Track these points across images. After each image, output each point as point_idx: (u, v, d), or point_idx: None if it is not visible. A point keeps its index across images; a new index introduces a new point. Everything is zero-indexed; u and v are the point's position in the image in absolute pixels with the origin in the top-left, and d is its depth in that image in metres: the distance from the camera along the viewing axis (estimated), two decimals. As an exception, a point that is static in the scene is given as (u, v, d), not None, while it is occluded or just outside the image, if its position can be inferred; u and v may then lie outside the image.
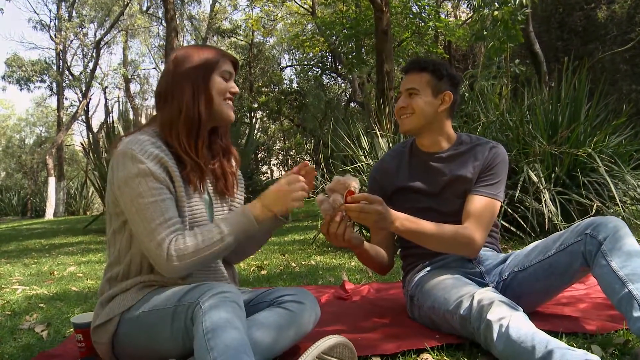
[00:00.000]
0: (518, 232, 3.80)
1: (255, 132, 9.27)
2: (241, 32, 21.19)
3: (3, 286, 3.49)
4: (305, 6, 17.91)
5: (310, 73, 19.97)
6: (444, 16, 15.38)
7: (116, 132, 7.28)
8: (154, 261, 1.54)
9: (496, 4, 4.98)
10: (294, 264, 3.79)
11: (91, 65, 20.78)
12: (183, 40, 21.99)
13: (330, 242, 1.77)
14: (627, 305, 1.55)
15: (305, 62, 19.73)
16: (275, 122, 21.86)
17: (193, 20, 22.86)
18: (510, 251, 2.09)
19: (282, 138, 24.63)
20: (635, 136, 4.58)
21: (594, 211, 3.67)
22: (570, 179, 3.99)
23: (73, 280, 3.63)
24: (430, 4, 13.68)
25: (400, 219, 1.81)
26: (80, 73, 21.25)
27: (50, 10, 21.82)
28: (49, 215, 15.99)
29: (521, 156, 4.04)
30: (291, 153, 23.80)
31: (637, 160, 4.36)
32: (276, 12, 19.81)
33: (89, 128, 22.44)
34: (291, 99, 19.23)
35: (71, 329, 2.25)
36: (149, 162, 1.53)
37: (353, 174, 4.63)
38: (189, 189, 1.63)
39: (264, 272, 3.56)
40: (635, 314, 1.51)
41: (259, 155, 19.74)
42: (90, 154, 8.42)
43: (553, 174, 3.98)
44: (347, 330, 1.97)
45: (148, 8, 21.86)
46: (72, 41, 20.72)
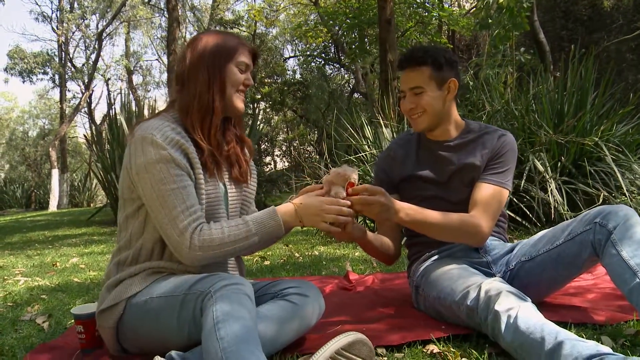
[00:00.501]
0: (524, 222, 3.77)
1: (259, 123, 9.23)
2: (243, 23, 21.07)
3: (6, 277, 3.48)
4: (308, -4, 17.80)
5: (313, 64, 19.88)
6: (447, 5, 15.26)
7: (119, 124, 7.24)
8: (174, 248, 1.53)
9: (501, -8, 4.92)
10: (297, 255, 3.76)
11: (93, 57, 20.78)
12: (185, 32, 21.94)
13: (332, 236, 1.74)
14: (638, 295, 1.52)
15: (308, 53, 19.64)
16: (278, 113, 21.78)
17: (195, 11, 22.78)
18: (516, 241, 2.06)
19: (285, 129, 24.58)
20: (642, 125, 4.52)
21: (600, 201, 3.63)
22: (577, 169, 3.96)
23: (75, 272, 3.61)
24: (433, -7, 13.55)
25: (404, 209, 1.77)
26: (83, 65, 21.26)
27: (52, 2, 21.69)
28: (53, 207, 16.02)
29: (527, 145, 4.00)
30: (294, 144, 23.76)
31: (644, 149, 4.32)
32: (279, 3, 19.67)
33: (92, 120, 22.48)
34: (294, 90, 19.13)
35: (72, 321, 2.23)
36: (170, 148, 1.52)
37: (356, 163, 4.60)
38: (206, 175, 1.62)
39: (267, 263, 3.53)
40: (647, 304, 1.48)
41: (262, 146, 19.70)
42: (93, 146, 8.40)
43: (559, 163, 3.94)
44: (351, 321, 1.95)
45: (150, -1, 21.79)
46: (74, 33, 20.71)
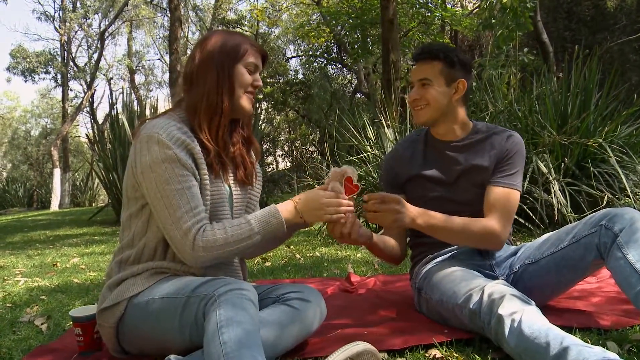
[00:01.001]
0: (527, 224, 3.74)
1: (261, 123, 9.21)
2: (246, 23, 21.06)
3: (6, 278, 3.46)
4: (311, -4, 17.78)
5: (315, 64, 19.85)
6: (450, 6, 15.23)
7: (120, 124, 7.22)
8: (177, 249, 1.52)
9: (505, -8, 4.89)
10: (298, 256, 3.74)
11: (96, 56, 20.78)
12: (187, 31, 21.93)
13: (337, 240, 1.73)
14: (644, 300, 1.49)
15: (311, 53, 19.61)
16: (280, 113, 21.76)
17: (197, 10, 22.77)
18: (518, 243, 2.04)
19: (287, 129, 24.56)
20: (646, 126, 4.49)
21: (604, 202, 3.60)
22: (580, 170, 3.93)
23: (75, 272, 3.60)
24: (436, -7, 13.52)
25: (421, 216, 1.79)
26: (85, 64, 21.27)
27: (54, 1, 21.78)
28: (55, 206, 16.01)
29: (530, 146, 3.97)
30: (297, 144, 23.75)
31: (648, 150, 4.28)
32: (281, 2, 19.66)
33: (94, 119, 22.48)
34: (296, 90, 19.11)
35: (71, 323, 2.21)
36: (175, 148, 1.51)
37: (359, 164, 4.58)
38: (212, 175, 1.61)
39: (268, 264, 3.51)
40: (654, 309, 1.45)
41: (264, 146, 19.68)
42: (95, 145, 8.38)
43: (562, 165, 3.91)
44: (352, 324, 1.93)
45: (152, -2, 21.79)
46: (76, 32, 20.73)
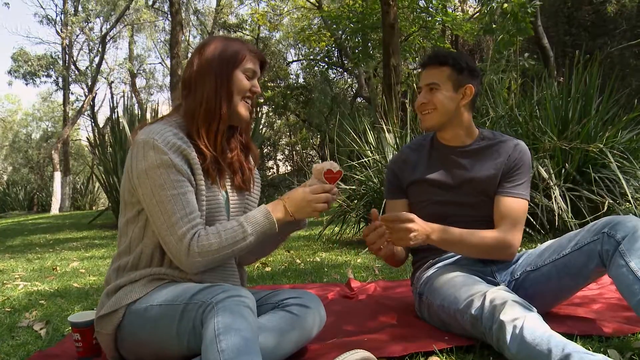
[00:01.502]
0: (527, 229, 3.73)
1: (261, 127, 9.21)
2: (247, 27, 21.11)
3: (5, 282, 3.45)
4: (312, 0, 17.81)
5: (316, 68, 19.90)
6: (451, 10, 15.25)
7: (121, 127, 7.22)
8: (172, 255, 1.52)
9: (505, -4, 4.89)
10: (298, 261, 3.73)
11: (97, 59, 20.79)
12: (189, 35, 21.96)
13: (372, 251, 1.79)
14: (646, 307, 1.48)
15: (312, 57, 19.65)
16: (281, 117, 21.80)
17: (199, 14, 22.81)
18: (521, 249, 2.04)
19: (288, 133, 24.59)
20: (647, 132, 4.48)
21: (605, 208, 3.59)
22: (581, 175, 3.92)
23: (75, 276, 3.59)
24: (437, -2, 13.55)
25: (435, 232, 1.81)
26: (86, 68, 21.27)
27: (56, 5, 21.85)
28: (55, 210, 16.01)
29: (531, 152, 3.95)
30: (297, 148, 23.77)
31: (649, 156, 4.27)
32: (282, 7, 19.70)
33: (95, 123, 22.43)
34: (297, 94, 19.15)
35: (70, 328, 2.20)
36: (171, 154, 1.50)
37: (359, 169, 4.57)
38: (208, 181, 1.60)
39: (268, 269, 3.50)
40: (656, 317, 1.45)
41: (264, 150, 19.72)
42: (96, 149, 8.38)
43: (563, 170, 3.90)
44: (352, 331, 1.92)
45: (154, 2, 21.82)
46: (78, 36, 20.73)
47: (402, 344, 1.71)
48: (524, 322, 1.43)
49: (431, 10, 13.39)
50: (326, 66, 19.37)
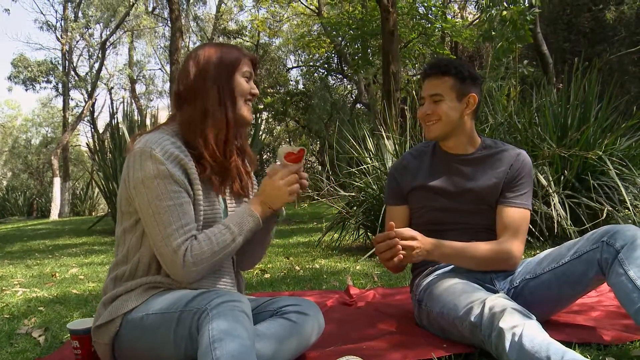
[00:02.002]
0: (526, 237, 3.73)
1: (261, 133, 9.21)
2: (247, 33, 21.16)
3: (4, 288, 3.45)
4: (312, 7, 17.87)
5: (316, 74, 19.91)
6: (450, 17, 15.31)
7: (121, 133, 7.22)
8: (167, 266, 1.52)
9: (504, 4, 4.91)
10: (298, 268, 3.73)
11: (97, 65, 20.83)
12: (188, 41, 22.00)
13: (385, 265, 1.83)
14: (645, 316, 1.48)
15: (311, 63, 19.68)
16: (280, 123, 21.79)
17: (198, 21, 22.87)
18: (520, 257, 2.04)
19: (287, 139, 24.58)
20: (646, 139, 4.49)
21: (604, 215, 3.59)
22: (580, 182, 3.92)
23: (74, 283, 3.58)
24: (437, 5, 13.61)
25: (437, 248, 1.82)
26: (86, 74, 21.32)
27: (56, 11, 21.86)
28: (54, 215, 15.98)
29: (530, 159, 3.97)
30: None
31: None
32: (282, 13, 19.76)
33: (94, 129, 22.49)
34: (297, 100, 19.15)
35: (68, 335, 2.20)
36: (168, 164, 1.50)
37: (358, 176, 4.57)
38: (207, 190, 1.60)
39: (267, 276, 3.50)
40: (655, 325, 1.45)
41: (264, 156, 19.70)
42: (95, 154, 8.38)
43: (562, 177, 3.91)
44: (351, 338, 1.92)
45: (154, 9, 21.90)
46: (78, 42, 20.80)
47: (401, 351, 1.71)
48: (523, 329, 1.43)
49: (431, 17, 13.43)
50: (326, 72, 19.40)
